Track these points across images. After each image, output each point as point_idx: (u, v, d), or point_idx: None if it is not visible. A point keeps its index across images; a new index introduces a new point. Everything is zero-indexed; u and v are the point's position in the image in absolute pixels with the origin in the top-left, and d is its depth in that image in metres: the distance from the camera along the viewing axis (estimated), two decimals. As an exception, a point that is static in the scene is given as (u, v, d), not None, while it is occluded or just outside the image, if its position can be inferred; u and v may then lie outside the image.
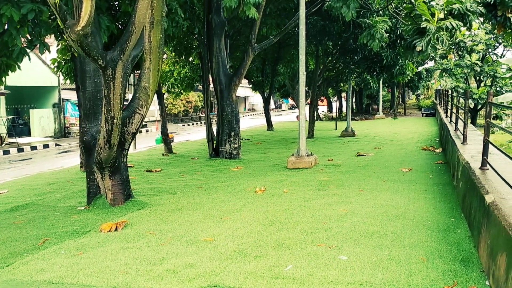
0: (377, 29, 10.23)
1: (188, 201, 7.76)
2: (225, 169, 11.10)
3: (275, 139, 19.37)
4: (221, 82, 12.75)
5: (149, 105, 7.86)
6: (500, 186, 4.66)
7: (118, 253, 5.18)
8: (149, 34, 7.46)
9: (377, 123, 28.30)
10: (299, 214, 6.45)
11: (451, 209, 6.45)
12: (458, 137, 9.45)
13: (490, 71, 27.21)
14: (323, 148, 15.05)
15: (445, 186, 8.08)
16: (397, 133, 19.79)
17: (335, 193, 7.80)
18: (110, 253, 5.20)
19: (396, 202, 6.98)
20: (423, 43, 8.31)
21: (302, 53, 10.58)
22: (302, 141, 10.87)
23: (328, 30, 16.00)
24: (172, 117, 42.61)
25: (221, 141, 12.94)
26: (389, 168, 10.26)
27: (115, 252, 5.22)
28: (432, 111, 32.39)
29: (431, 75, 42.98)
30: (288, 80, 26.33)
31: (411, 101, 58.65)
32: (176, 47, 17.90)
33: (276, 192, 8.11)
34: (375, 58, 17.43)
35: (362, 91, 39.44)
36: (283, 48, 21.76)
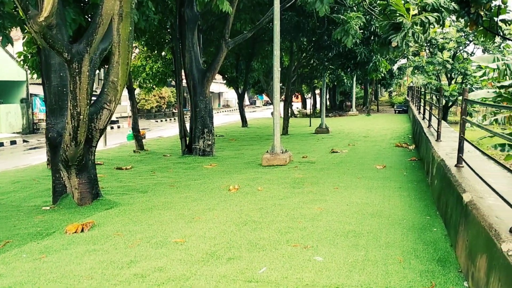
0: (351, 25, 10.15)
1: (159, 200, 7.51)
2: (198, 167, 10.86)
3: (250, 136, 19.21)
4: (194, 77, 12.48)
5: (118, 100, 7.57)
6: (477, 184, 4.60)
7: (84, 256, 4.92)
8: (117, 27, 7.17)
9: (351, 119, 28.47)
10: (273, 213, 6.29)
11: (426, 207, 6.41)
12: (431, 134, 9.46)
13: (461, 69, 27.70)
14: (298, 144, 14.96)
15: (419, 184, 8.06)
16: (370, 130, 19.90)
17: (310, 191, 7.68)
18: (75, 256, 4.93)
19: (371, 200, 6.90)
20: (398, 39, 8.26)
21: (276, 49, 10.41)
22: (277, 138, 10.73)
23: (302, 26, 15.92)
24: (145, 112, 41.98)
25: (194, 138, 12.69)
26: (363, 165, 10.22)
27: (81, 255, 4.95)
28: (405, 108, 32.81)
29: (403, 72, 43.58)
30: (262, 76, 26.18)
31: (384, 98, 59.42)
32: (148, 42, 17.54)
33: (250, 190, 7.93)
34: (349, 55, 17.45)
35: (336, 87, 39.64)
36: (258, 44, 21.61)
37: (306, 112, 37.22)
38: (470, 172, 5.18)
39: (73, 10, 8.20)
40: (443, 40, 28.67)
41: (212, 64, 12.61)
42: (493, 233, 3.10)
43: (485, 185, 4.27)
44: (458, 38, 28.06)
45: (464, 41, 28.42)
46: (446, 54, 28.29)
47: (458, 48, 29.54)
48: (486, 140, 17.35)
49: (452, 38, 28.20)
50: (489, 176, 4.62)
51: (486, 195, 4.13)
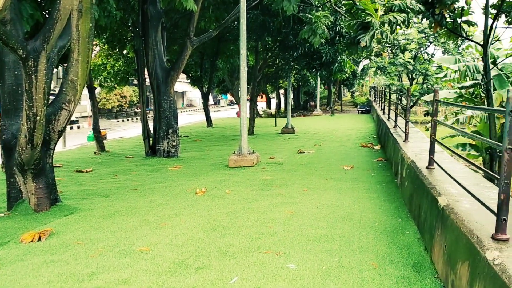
0: (319, 24, 10.06)
1: (122, 205, 7.16)
2: (163, 169, 10.52)
3: (215, 136, 18.93)
4: (157, 76, 12.11)
5: (77, 100, 7.18)
6: (451, 186, 4.54)
7: (41, 268, 4.56)
8: (77, 23, 6.80)
9: (316, 119, 28.61)
10: (243, 218, 6.09)
11: (396, 209, 6.36)
12: (399, 135, 9.50)
13: (422, 70, 28.31)
14: (264, 145, 14.81)
15: (388, 185, 8.04)
16: (335, 130, 20.00)
17: (279, 193, 7.52)
18: (31, 268, 4.56)
19: (341, 202, 6.80)
20: (367, 38, 8.22)
21: (243, 48, 10.21)
22: (244, 138, 10.53)
23: (267, 26, 15.79)
24: (106, 112, 40.96)
25: (158, 139, 12.32)
26: (331, 166, 10.16)
27: (37, 267, 4.59)
28: (368, 108, 33.28)
29: (365, 73, 44.29)
30: (227, 76, 25.93)
31: (346, 98, 60.20)
32: (109, 39, 16.99)
33: (218, 193, 7.70)
34: (315, 55, 17.44)
35: (300, 87, 39.85)
36: (222, 43, 21.35)
37: (271, 112, 37.21)
38: (442, 174, 5.15)
39: (30, 4, 7.73)
40: (404, 41, 29.25)
41: (177, 63, 12.28)
42: (475, 239, 3.00)
43: (460, 187, 4.21)
44: (419, 40, 28.69)
45: (425, 42, 29.07)
46: (407, 55, 28.88)
47: (419, 49, 30.21)
48: (447, 140, 17.77)
49: (413, 39, 28.80)
50: (461, 178, 4.57)
51: (462, 198, 4.06)
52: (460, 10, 10.67)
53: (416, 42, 28.74)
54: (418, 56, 30.34)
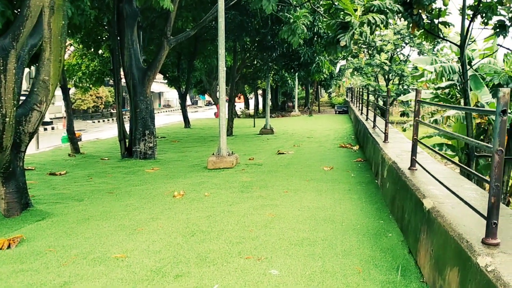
0: (298, 24, 9.97)
1: (97, 209, 6.91)
2: (139, 171, 10.27)
3: (193, 137, 18.68)
4: (134, 76, 11.83)
5: (49, 101, 6.91)
6: (434, 188, 4.48)
7: (10, 278, 4.32)
8: (48, 20, 6.54)
9: (294, 120, 28.60)
10: (223, 221, 5.92)
11: (378, 211, 6.29)
12: (378, 135, 9.48)
13: (398, 70, 28.60)
14: (243, 146, 14.66)
15: (368, 185, 7.99)
16: (313, 130, 19.99)
17: (260, 195, 7.38)
18: (0, 278, 4.32)
19: (322, 204, 6.71)
20: (346, 38, 8.14)
21: (221, 47, 10.04)
22: (223, 139, 10.36)
23: (246, 26, 15.66)
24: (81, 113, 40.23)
25: (134, 140, 12.03)
26: (311, 167, 10.08)
27: (6, 276, 4.35)
28: (345, 108, 33.47)
29: (342, 74, 44.60)
30: (205, 76, 25.70)
31: (324, 99, 60.54)
32: (83, 39, 16.58)
33: (196, 196, 7.51)
34: (293, 55, 17.40)
35: (278, 88, 39.86)
36: (200, 43, 21.14)
37: (249, 113, 37.09)
38: (425, 175, 5.09)
39: (1, 1, 7.40)
40: (381, 42, 29.52)
41: (153, 63, 12.03)
42: (465, 244, 2.92)
43: (443, 188, 4.15)
44: (395, 41, 28.98)
45: (400, 43, 29.40)
46: (383, 56, 29.14)
47: (395, 50, 30.53)
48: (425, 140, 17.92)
49: (389, 40, 29.09)
50: (444, 178, 4.52)
51: (447, 200, 3.99)
52: (437, 11, 10.73)
53: (392, 43, 29.03)
54: (394, 57, 30.67)
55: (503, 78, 8.28)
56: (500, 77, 8.30)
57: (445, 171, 5.44)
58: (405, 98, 18.96)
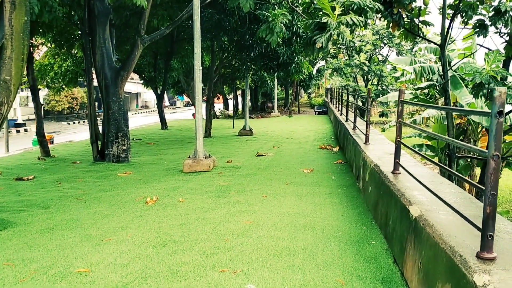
0: (276, 22, 9.67)
1: (63, 217, 6.47)
2: (111, 175, 9.81)
3: (170, 139, 18.21)
4: (106, 76, 11.36)
5: (11, 102, 6.48)
6: (420, 194, 4.21)
7: (-42, 298, 3.90)
8: (9, 16, 6.14)
9: (273, 121, 28.34)
10: (197, 230, 5.56)
11: (360, 216, 6.02)
12: (358, 137, 9.24)
13: (376, 71, 28.61)
14: (221, 148, 14.29)
15: (349, 189, 7.73)
16: (293, 131, 19.74)
17: (237, 201, 7.04)
18: None
19: (302, 209, 6.41)
20: (323, 39, 7.87)
21: (197, 46, 9.68)
22: (200, 141, 10.00)
23: (223, 24, 15.32)
24: (56, 114, 39.25)
25: (107, 143, 11.55)
26: (290, 170, 9.79)
27: (-46, 296, 3.92)
28: (324, 109, 33.36)
29: (321, 74, 44.58)
30: (182, 76, 25.21)
31: (303, 99, 60.54)
32: (55, 38, 15.97)
33: (170, 202, 7.13)
34: (272, 55, 17.12)
35: (258, 88, 39.60)
36: (177, 43, 20.70)
37: (228, 113, 36.71)
38: (409, 180, 4.83)
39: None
40: (360, 42, 29.51)
41: (127, 62, 11.57)
42: (458, 259, 2.63)
43: (430, 194, 3.89)
44: (374, 41, 28.99)
45: (379, 43, 29.42)
46: (363, 56, 29.12)
47: (374, 50, 30.56)
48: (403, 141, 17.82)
49: (368, 40, 29.09)
50: (430, 183, 4.27)
51: (435, 207, 3.73)
52: (417, 10, 10.57)
53: (371, 43, 29.03)
54: (373, 57, 30.70)
55: (485, 78, 8.13)
56: (482, 76, 8.14)
57: (429, 175, 5.20)
58: (384, 99, 18.84)
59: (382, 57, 32.21)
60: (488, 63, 8.33)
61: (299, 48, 17.04)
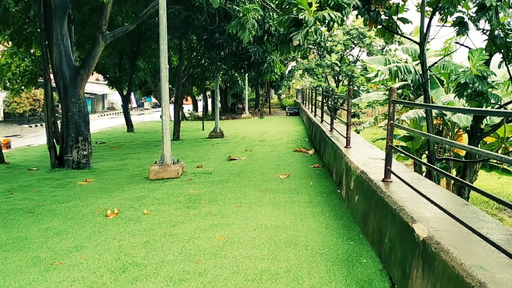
0: (248, 17, 9.04)
1: (10, 235, 5.64)
2: (70, 184, 8.95)
3: (136, 142, 17.31)
4: (64, 76, 10.47)
5: None
6: (423, 207, 3.65)
7: None
8: None
9: (245, 122, 27.69)
10: (163, 249, 4.86)
11: (346, 228, 5.44)
12: (337, 139, 8.70)
13: (348, 71, 28.34)
14: (191, 151, 13.54)
15: (330, 196, 7.16)
16: (265, 133, 19.14)
17: (209, 212, 6.36)
18: None
19: (281, 221, 5.79)
20: (300, 36, 7.28)
21: (163, 43, 8.96)
22: (167, 146, 9.26)
23: (192, 22, 14.58)
24: (17, 117, 37.55)
25: (66, 148, 10.65)
26: (265, 175, 9.17)
27: None
28: (296, 110, 32.95)
29: (292, 75, 44.30)
30: (149, 77, 24.28)
31: (274, 100, 60.18)
32: (13, 36, 14.88)
33: (134, 214, 6.38)
34: (243, 55, 16.49)
35: (228, 89, 38.91)
36: (143, 42, 19.84)
37: (198, 115, 35.85)
38: (403, 189, 4.28)
39: None
40: (331, 43, 29.20)
41: (87, 61, 10.71)
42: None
43: (435, 207, 3.33)
44: (345, 41, 28.73)
45: (350, 44, 29.18)
46: (334, 56, 28.81)
47: (345, 51, 30.32)
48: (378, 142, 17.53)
49: (339, 41, 28.80)
50: (431, 194, 3.71)
51: (443, 224, 3.16)
52: (395, 7, 10.14)
53: (342, 44, 28.76)
54: (343, 58, 30.46)
55: (469, 77, 7.72)
56: (466, 76, 7.74)
57: (424, 183, 4.66)
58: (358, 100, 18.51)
59: (353, 58, 32.02)
60: (472, 62, 7.94)
61: (271, 47, 16.47)
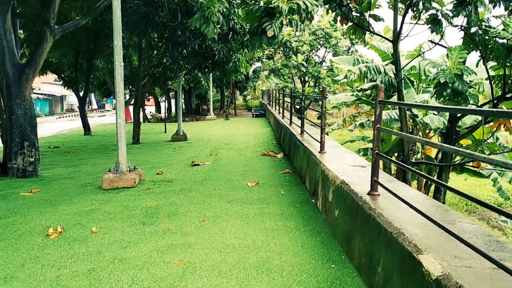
0: (213, 10, 8.28)
1: None
2: (12, 195, 7.92)
3: (92, 146, 16.20)
4: (7, 74, 9.40)
5: None
6: (424, 231, 3.00)
7: None
8: None
9: (209, 124, 26.81)
10: (110, 281, 4.04)
11: (324, 247, 4.77)
12: (310, 143, 8.05)
13: (314, 72, 27.92)
14: (151, 156, 12.63)
15: (303, 207, 6.49)
16: (231, 136, 18.38)
17: (167, 229, 5.57)
18: None
19: (251, 239, 5.07)
20: (274, 27, 6.60)
21: (117, 38, 8.12)
22: (122, 151, 8.40)
23: (152, 18, 13.68)
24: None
25: (10, 154, 9.57)
26: (232, 182, 8.42)
27: None
28: (262, 111, 32.30)
29: (257, 76, 43.73)
30: (109, 77, 23.09)
31: (239, 101, 59.45)
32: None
33: (80, 233, 5.51)
34: (207, 53, 15.68)
35: (192, 90, 37.93)
36: (101, 40, 18.69)
37: (161, 117, 34.68)
38: (395, 204, 3.65)
39: None
40: (297, 43, 28.71)
41: (33, 58, 9.67)
42: None
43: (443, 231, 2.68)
44: (311, 41, 28.29)
45: (316, 44, 28.77)
46: (300, 57, 28.32)
47: (311, 51, 29.90)
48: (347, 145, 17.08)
49: (305, 41, 28.34)
50: (432, 212, 3.09)
51: (457, 256, 2.51)
52: (367, 3, 9.62)
53: (308, 44, 28.30)
54: (309, 58, 30.03)
55: (449, 76, 7.24)
56: (446, 75, 7.26)
57: (418, 197, 4.04)
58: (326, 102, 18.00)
59: (319, 58, 31.66)
60: (451, 60, 7.47)
61: (236, 45, 15.76)
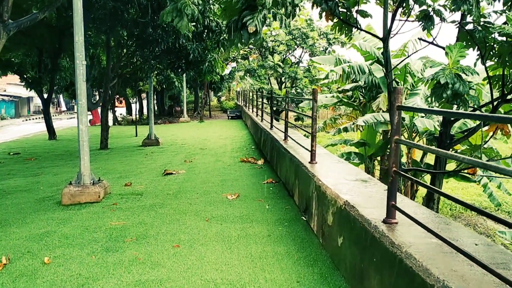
0: (187, 2, 7.40)
1: None
2: (-46, 215, 6.85)
3: (57, 152, 15.03)
4: (-48, 74, 8.30)
5: None
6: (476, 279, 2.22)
7: None
8: None
9: (183, 127, 25.77)
10: None
11: (324, 281, 3.96)
12: (296, 152, 7.23)
13: (291, 73, 27.23)
14: (120, 164, 11.60)
15: (293, 225, 5.68)
16: (207, 140, 17.44)
17: (135, 258, 4.66)
18: None
19: (236, 273, 4.22)
20: (256, 21, 5.78)
21: (78, 33, 7.22)
22: (85, 162, 7.43)
23: (120, 15, 12.67)
24: None
25: (-44, 165, 8.47)
26: (209, 195, 7.54)
27: None
28: (238, 113, 31.38)
29: (232, 76, 42.83)
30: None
31: (213, 103, 58.33)
32: None
33: (28, 265, 4.55)
34: (180, 52, 14.73)
35: (164, 91, 36.75)
36: (66, 38, 17.48)
37: (131, 119, 33.38)
38: (424, 240, 2.86)
39: None
40: (273, 43, 27.97)
41: (-17, 55, 8.59)
42: None
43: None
44: (288, 41, 27.59)
45: (293, 44, 28.09)
46: (276, 57, 27.58)
47: (288, 51, 29.20)
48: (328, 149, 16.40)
49: (282, 41, 27.62)
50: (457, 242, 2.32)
51: None
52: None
53: (285, 44, 27.59)
54: (286, 59, 29.32)
55: (449, 76, 6.57)
56: (446, 75, 6.59)
57: (450, 225, 3.27)
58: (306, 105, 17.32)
59: (296, 59, 30.99)
60: (451, 59, 6.81)
61: (211, 44, 14.88)
